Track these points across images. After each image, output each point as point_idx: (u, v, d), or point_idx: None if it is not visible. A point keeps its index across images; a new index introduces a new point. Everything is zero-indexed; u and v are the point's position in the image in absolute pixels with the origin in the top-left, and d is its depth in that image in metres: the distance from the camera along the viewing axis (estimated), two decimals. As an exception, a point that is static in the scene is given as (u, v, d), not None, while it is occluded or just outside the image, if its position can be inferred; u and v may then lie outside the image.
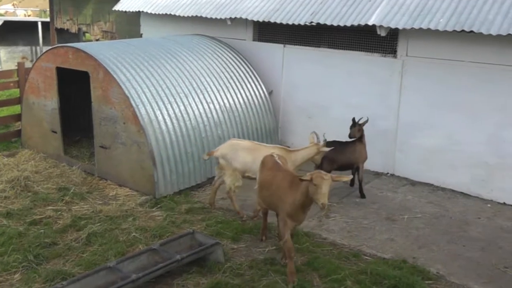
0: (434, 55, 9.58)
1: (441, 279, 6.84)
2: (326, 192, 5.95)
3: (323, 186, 5.92)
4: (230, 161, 8.44)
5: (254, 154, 8.35)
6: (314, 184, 5.99)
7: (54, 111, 10.67)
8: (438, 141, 9.79)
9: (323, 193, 5.93)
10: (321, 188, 5.91)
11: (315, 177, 6.00)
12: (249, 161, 8.37)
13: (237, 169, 8.43)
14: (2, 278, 6.72)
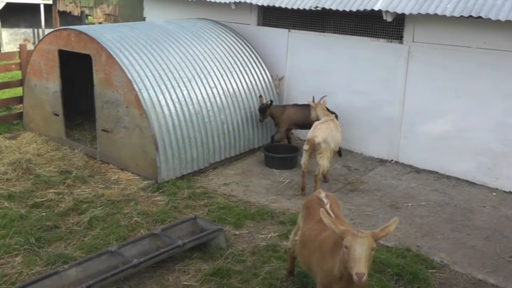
0: (441, 41, 9.52)
1: (445, 268, 6.83)
2: (362, 257, 4.13)
3: (357, 247, 4.16)
4: (330, 143, 8.73)
5: (339, 130, 9.17)
6: (344, 245, 4.26)
7: (56, 93, 10.67)
8: (444, 128, 9.76)
9: (357, 258, 4.13)
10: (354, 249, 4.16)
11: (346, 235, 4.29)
12: (340, 139, 9.12)
13: (333, 149, 8.89)
14: (4, 260, 6.75)
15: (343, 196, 8.79)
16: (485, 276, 6.67)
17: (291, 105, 10.73)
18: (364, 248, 4.14)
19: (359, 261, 4.10)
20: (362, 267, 4.08)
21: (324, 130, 8.81)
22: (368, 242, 4.17)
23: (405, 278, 6.39)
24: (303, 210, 5.66)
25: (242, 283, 6.34)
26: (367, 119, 10.63)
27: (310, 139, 8.65)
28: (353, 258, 4.13)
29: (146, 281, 6.38)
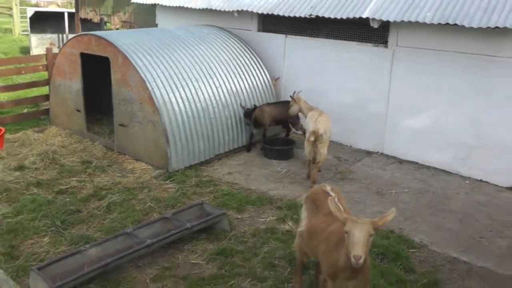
0: (421, 45, 9.51)
1: (424, 247, 6.87)
2: (360, 241, 4.06)
3: (356, 233, 4.09)
4: (328, 133, 8.77)
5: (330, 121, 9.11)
6: (345, 231, 4.20)
7: (78, 92, 10.66)
8: (424, 123, 9.75)
9: (356, 241, 4.06)
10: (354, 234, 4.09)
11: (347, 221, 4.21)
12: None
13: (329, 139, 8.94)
14: (34, 240, 6.79)
15: (334, 184, 8.67)
16: (458, 254, 6.71)
17: (265, 104, 10.57)
18: (363, 233, 4.07)
19: (357, 244, 4.04)
20: (360, 250, 4.02)
21: (324, 121, 8.78)
22: (366, 228, 4.09)
23: (389, 257, 6.42)
24: (308, 202, 5.41)
25: (244, 261, 6.37)
26: (355, 115, 10.60)
27: (315, 131, 8.54)
28: (352, 242, 4.07)
29: (158, 260, 6.40)
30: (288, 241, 6.75)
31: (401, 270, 6.20)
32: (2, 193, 8.13)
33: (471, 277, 6.23)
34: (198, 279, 5.97)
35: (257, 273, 6.12)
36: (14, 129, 11.31)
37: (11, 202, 7.90)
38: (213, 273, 6.12)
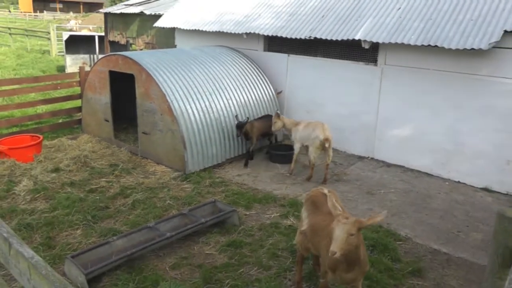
0: (406, 64, 9.51)
1: (409, 240, 6.85)
2: (338, 239, 4.04)
3: (337, 231, 4.08)
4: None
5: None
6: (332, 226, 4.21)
7: (106, 104, 10.71)
8: (408, 132, 9.73)
9: (335, 238, 4.06)
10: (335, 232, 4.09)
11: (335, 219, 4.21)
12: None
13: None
14: (68, 232, 6.82)
15: (330, 185, 8.75)
16: (439, 246, 6.70)
17: (254, 120, 10.22)
18: (342, 232, 4.04)
19: (335, 241, 4.04)
20: (335, 246, 4.01)
21: (328, 128, 8.89)
22: (346, 228, 4.06)
23: (378, 248, 6.40)
24: (308, 204, 5.30)
25: (251, 252, 6.36)
26: (349, 125, 10.58)
27: (328, 138, 8.74)
28: (333, 238, 4.08)
29: (177, 250, 6.39)
30: (290, 235, 6.75)
31: (389, 260, 6.18)
32: (40, 191, 8.14)
33: (450, 266, 6.21)
34: (212, 267, 5.96)
35: (263, 262, 6.10)
36: (50, 136, 11.36)
37: (48, 199, 7.93)
38: (225, 262, 6.11)
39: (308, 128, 9.05)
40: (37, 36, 35.35)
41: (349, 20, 10.09)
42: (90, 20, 51.97)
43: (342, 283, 4.72)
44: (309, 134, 8.98)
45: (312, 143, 8.88)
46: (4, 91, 12.38)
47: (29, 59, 26.80)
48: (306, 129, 9.07)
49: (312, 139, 8.87)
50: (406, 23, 9.27)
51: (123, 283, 5.57)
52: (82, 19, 57.08)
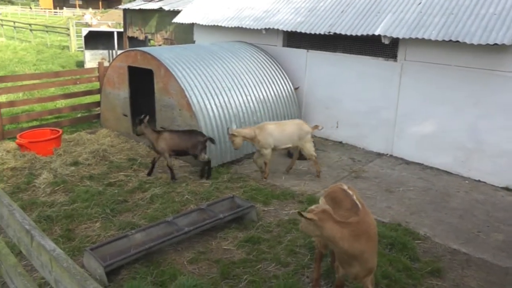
0: (426, 60, 9.37)
1: (428, 239, 6.74)
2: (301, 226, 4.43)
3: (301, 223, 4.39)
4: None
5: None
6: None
7: (125, 99, 10.75)
8: (428, 129, 9.59)
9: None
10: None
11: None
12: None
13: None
14: (87, 225, 6.86)
15: (349, 182, 8.67)
16: (459, 246, 6.57)
17: (171, 130, 8.94)
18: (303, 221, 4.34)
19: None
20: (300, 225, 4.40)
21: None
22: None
23: (397, 247, 6.31)
24: (327, 199, 4.99)
25: (269, 248, 6.31)
26: (368, 121, 10.48)
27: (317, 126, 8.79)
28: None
29: (195, 245, 6.37)
30: (308, 231, 6.69)
31: (407, 259, 6.09)
32: (59, 184, 8.21)
33: (469, 267, 6.09)
34: (229, 263, 5.93)
35: (281, 258, 6.06)
36: (70, 130, 11.44)
37: (67, 192, 7.98)
38: (242, 258, 6.07)
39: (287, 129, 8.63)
40: (56, 32, 35.67)
41: (369, 15, 9.98)
42: (109, 16, 52.26)
43: (351, 279, 4.79)
44: (296, 133, 8.61)
45: (305, 140, 8.66)
46: (24, 85, 12.48)
47: (48, 54, 27.04)
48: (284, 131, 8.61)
49: (304, 136, 8.64)
50: (427, 18, 9.13)
51: (141, 276, 5.57)
52: (101, 15, 57.44)
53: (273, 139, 8.53)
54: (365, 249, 4.44)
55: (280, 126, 8.66)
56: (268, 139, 8.48)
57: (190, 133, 8.64)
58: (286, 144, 8.68)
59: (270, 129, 8.54)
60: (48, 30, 35.34)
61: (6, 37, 36.88)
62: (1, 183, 8.29)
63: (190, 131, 8.75)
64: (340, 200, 4.96)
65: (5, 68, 21.18)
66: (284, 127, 8.66)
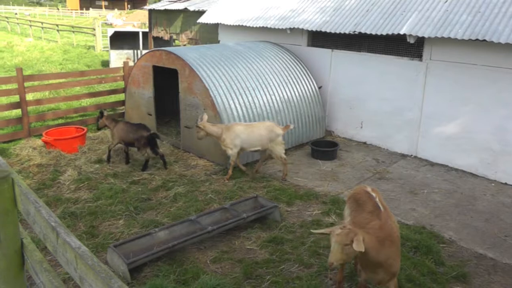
0: (452, 59, 9.18)
1: (453, 243, 6.57)
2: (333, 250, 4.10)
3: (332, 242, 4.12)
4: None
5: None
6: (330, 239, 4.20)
7: (150, 98, 10.77)
8: (453, 130, 9.40)
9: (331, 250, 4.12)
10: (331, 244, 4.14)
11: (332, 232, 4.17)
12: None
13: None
14: (111, 222, 6.89)
15: (372, 183, 8.55)
16: (485, 251, 6.39)
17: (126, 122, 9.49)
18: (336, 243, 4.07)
19: (331, 252, 4.11)
20: (332, 257, 4.09)
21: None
22: (339, 239, 4.05)
23: (421, 250, 6.17)
24: (350, 201, 5.09)
25: (292, 249, 6.23)
26: (392, 121, 10.33)
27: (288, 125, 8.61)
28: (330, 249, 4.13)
29: (218, 244, 6.33)
30: (331, 233, 6.61)
31: (432, 263, 5.95)
32: (84, 181, 8.27)
33: (496, 273, 5.90)
34: (252, 263, 5.88)
35: (304, 260, 5.98)
36: (94, 129, 11.47)
37: (91, 189, 8.03)
38: (265, 258, 6.01)
39: (256, 131, 8.46)
40: (82, 32, 36.09)
41: (394, 14, 9.84)
42: (135, 16, 52.75)
43: (375, 283, 4.69)
44: (267, 135, 8.43)
45: (276, 142, 8.46)
46: (51, 84, 12.64)
47: (74, 54, 27.36)
48: (253, 133, 8.44)
49: (274, 138, 8.44)
50: (453, 16, 8.95)
51: (164, 274, 5.55)
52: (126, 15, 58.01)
53: (240, 141, 8.40)
54: (389, 254, 4.35)
55: (249, 128, 8.47)
56: (234, 140, 8.38)
57: (137, 127, 9.00)
58: (255, 146, 8.50)
59: (238, 130, 8.39)
60: (74, 31, 35.77)
61: (34, 37, 37.48)
62: (27, 179, 8.39)
63: (137, 125, 9.10)
64: (363, 202, 4.89)
65: (32, 67, 21.50)
66: (253, 129, 8.47)
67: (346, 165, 9.46)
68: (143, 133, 8.82)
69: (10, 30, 44.22)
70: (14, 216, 3.12)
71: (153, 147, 8.93)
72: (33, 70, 20.57)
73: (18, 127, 11.20)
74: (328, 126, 11.62)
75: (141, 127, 8.96)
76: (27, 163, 9.11)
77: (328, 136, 11.28)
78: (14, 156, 9.49)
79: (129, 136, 8.95)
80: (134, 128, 8.96)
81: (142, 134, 8.81)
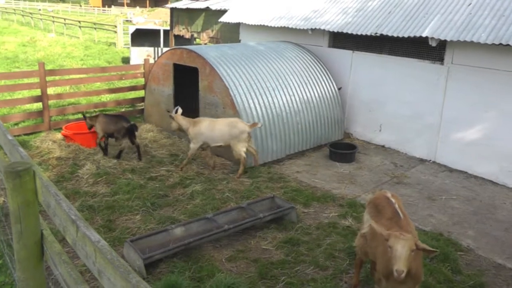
0: (475, 64, 9.03)
1: (471, 252, 6.44)
2: (402, 256, 3.81)
3: (399, 248, 3.84)
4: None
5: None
6: (388, 245, 3.94)
7: (169, 96, 10.81)
8: (474, 136, 9.25)
9: (398, 256, 3.82)
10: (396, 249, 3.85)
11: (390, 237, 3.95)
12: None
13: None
14: (128, 217, 6.91)
15: (390, 187, 8.46)
16: (504, 261, 6.25)
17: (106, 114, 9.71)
18: (405, 249, 3.81)
19: (399, 259, 3.79)
20: (401, 265, 3.77)
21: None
22: (408, 244, 3.83)
23: (438, 257, 6.05)
24: (370, 206, 5.02)
25: (308, 251, 6.19)
26: (411, 125, 10.21)
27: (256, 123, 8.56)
28: (395, 257, 3.82)
29: (234, 243, 6.31)
30: (347, 236, 6.55)
31: (449, 271, 5.83)
32: (102, 176, 8.31)
33: (516, 284, 5.81)
34: (268, 263, 5.84)
35: (319, 262, 5.92)
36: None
37: (109, 184, 8.08)
38: (281, 258, 5.97)
39: (218, 127, 8.53)
40: (104, 29, 36.36)
41: (417, 16, 9.71)
42: (156, 14, 53.04)
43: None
44: (227, 131, 8.46)
45: (238, 139, 8.42)
46: (72, 79, 12.73)
47: (96, 50, 27.57)
48: (215, 129, 8.53)
49: (237, 135, 8.41)
50: (477, 20, 8.79)
51: (179, 270, 5.55)
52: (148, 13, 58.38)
53: (204, 136, 8.58)
54: (418, 262, 4.22)
55: (212, 124, 8.59)
56: (198, 135, 8.60)
57: (117, 118, 9.31)
58: (216, 142, 8.59)
59: (202, 125, 8.59)
60: (96, 27, 36.07)
61: (56, 33, 37.85)
62: (47, 171, 8.47)
63: (118, 116, 9.46)
64: (382, 208, 4.81)
65: (54, 62, 21.71)
66: (216, 124, 8.56)
67: (364, 168, 9.39)
68: (124, 124, 9.11)
69: (34, 26, 44.71)
70: (35, 208, 3.14)
71: (130, 138, 9.21)
72: (55, 65, 20.77)
73: (39, 120, 11.35)
74: (347, 128, 11.54)
75: (121, 119, 9.28)
76: (47, 155, 9.20)
77: (347, 139, 11.20)
78: (35, 149, 9.60)
79: (110, 128, 9.21)
80: (114, 120, 9.26)
81: (123, 125, 9.09)
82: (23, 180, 3.02)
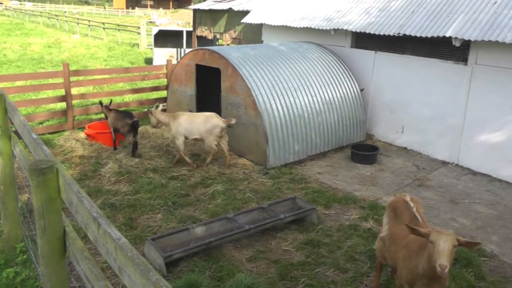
0: (499, 64, 8.85)
1: (495, 257, 6.29)
2: (445, 251, 3.72)
3: (441, 242, 3.75)
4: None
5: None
6: (430, 241, 3.85)
7: (191, 96, 10.85)
8: (498, 139, 9.07)
9: (441, 251, 3.73)
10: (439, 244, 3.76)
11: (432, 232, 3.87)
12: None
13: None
14: (149, 216, 6.94)
15: (412, 190, 8.35)
16: (529, 268, 6.10)
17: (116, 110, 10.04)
18: (448, 243, 3.73)
19: (442, 254, 3.70)
20: (445, 259, 3.68)
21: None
22: (451, 239, 3.75)
23: (461, 263, 5.93)
24: (389, 210, 4.97)
25: (329, 252, 6.13)
26: (434, 127, 10.07)
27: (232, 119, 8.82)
28: (437, 252, 3.73)
29: (254, 243, 6.29)
30: (368, 238, 6.47)
31: (472, 277, 5.71)
32: (124, 175, 8.38)
33: (542, 292, 5.65)
34: (288, 264, 5.81)
35: (340, 264, 5.87)
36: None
37: (131, 183, 8.13)
38: (301, 260, 5.93)
39: (195, 120, 8.86)
40: (127, 30, 36.73)
41: (440, 16, 9.56)
42: (179, 16, 53.43)
43: None
44: (202, 125, 8.78)
45: (211, 133, 8.73)
46: (95, 79, 12.86)
47: (119, 51, 27.86)
48: (193, 122, 8.86)
49: (210, 129, 8.72)
50: (502, 19, 8.60)
51: (199, 270, 5.55)
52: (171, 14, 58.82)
53: (183, 129, 8.85)
54: None
55: (191, 117, 8.94)
56: (178, 129, 8.87)
57: (123, 115, 9.60)
58: (194, 135, 8.89)
59: (181, 119, 8.90)
60: (119, 29, 36.44)
61: (80, 34, 38.38)
62: (70, 169, 8.57)
63: (123, 113, 9.74)
64: (400, 211, 4.76)
65: (78, 63, 22.00)
66: (194, 118, 8.91)
67: (386, 170, 9.29)
68: (127, 120, 9.36)
69: (59, 27, 45.41)
70: (58, 205, 3.18)
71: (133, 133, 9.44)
72: (79, 66, 21.05)
73: (62, 119, 11.51)
74: (369, 129, 11.43)
75: (127, 115, 9.56)
76: (70, 154, 9.31)
77: (369, 140, 11.10)
78: (58, 147, 9.74)
79: (117, 123, 9.53)
80: (121, 116, 9.55)
81: (127, 121, 9.34)
82: (46, 178, 3.05)
